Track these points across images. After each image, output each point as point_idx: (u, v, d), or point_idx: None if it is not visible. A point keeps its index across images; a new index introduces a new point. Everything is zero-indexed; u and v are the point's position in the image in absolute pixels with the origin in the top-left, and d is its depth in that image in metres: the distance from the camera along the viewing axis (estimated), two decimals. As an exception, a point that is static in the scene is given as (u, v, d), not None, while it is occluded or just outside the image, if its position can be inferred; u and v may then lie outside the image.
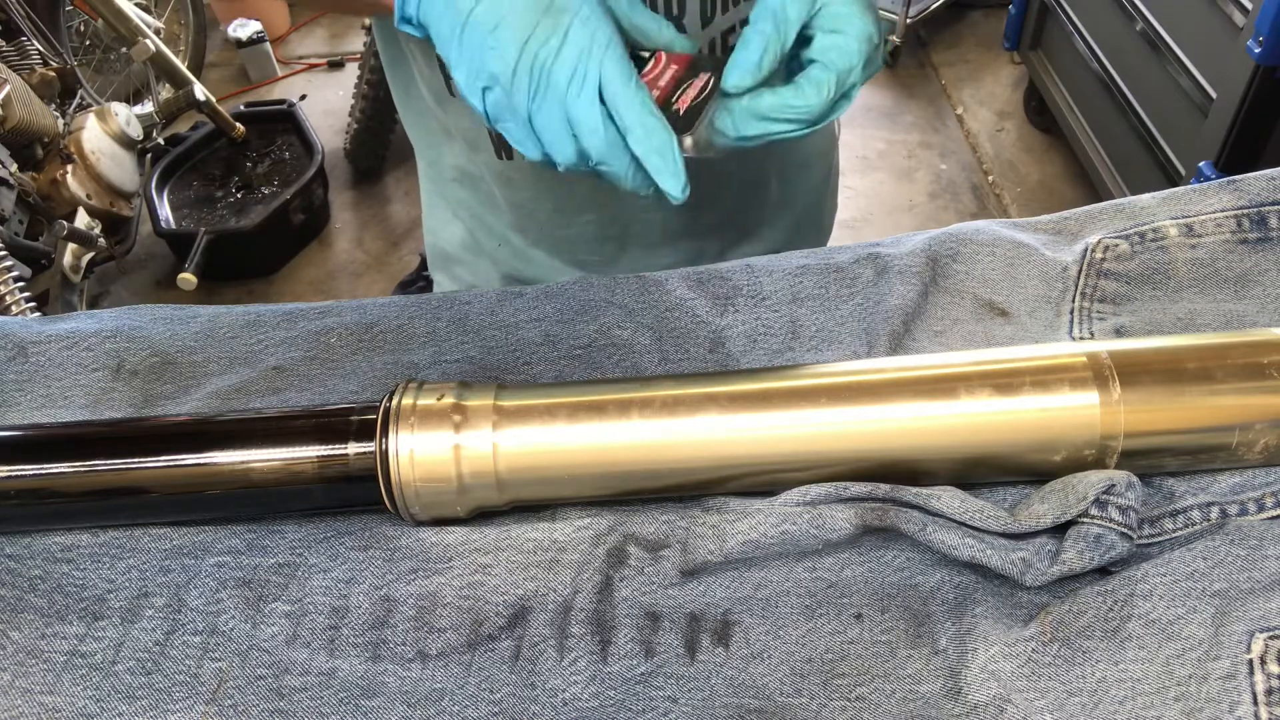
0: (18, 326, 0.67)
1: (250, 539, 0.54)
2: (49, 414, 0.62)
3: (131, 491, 0.52)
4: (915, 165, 2.63)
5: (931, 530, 0.49)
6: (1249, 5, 1.57)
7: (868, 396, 0.50)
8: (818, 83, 0.52)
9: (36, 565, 0.54)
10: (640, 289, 0.66)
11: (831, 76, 0.52)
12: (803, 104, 0.52)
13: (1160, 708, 0.43)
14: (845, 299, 0.64)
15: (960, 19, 3.09)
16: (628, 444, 0.50)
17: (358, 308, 0.67)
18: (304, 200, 2.48)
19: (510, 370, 0.62)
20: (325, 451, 0.51)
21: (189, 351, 0.65)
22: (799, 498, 0.50)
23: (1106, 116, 2.14)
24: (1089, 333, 0.60)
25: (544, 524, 0.54)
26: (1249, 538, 0.48)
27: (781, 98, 0.52)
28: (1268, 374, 0.49)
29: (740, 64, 0.52)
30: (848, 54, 0.52)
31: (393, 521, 0.54)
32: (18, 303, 1.75)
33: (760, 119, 0.52)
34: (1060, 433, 0.49)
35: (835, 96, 0.53)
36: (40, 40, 2.30)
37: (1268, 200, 0.62)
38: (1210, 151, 1.72)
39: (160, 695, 0.48)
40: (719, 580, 0.50)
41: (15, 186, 1.94)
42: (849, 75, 0.53)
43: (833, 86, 0.52)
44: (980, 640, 0.47)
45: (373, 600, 0.51)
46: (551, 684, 0.47)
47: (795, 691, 0.46)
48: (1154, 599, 0.46)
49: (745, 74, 0.51)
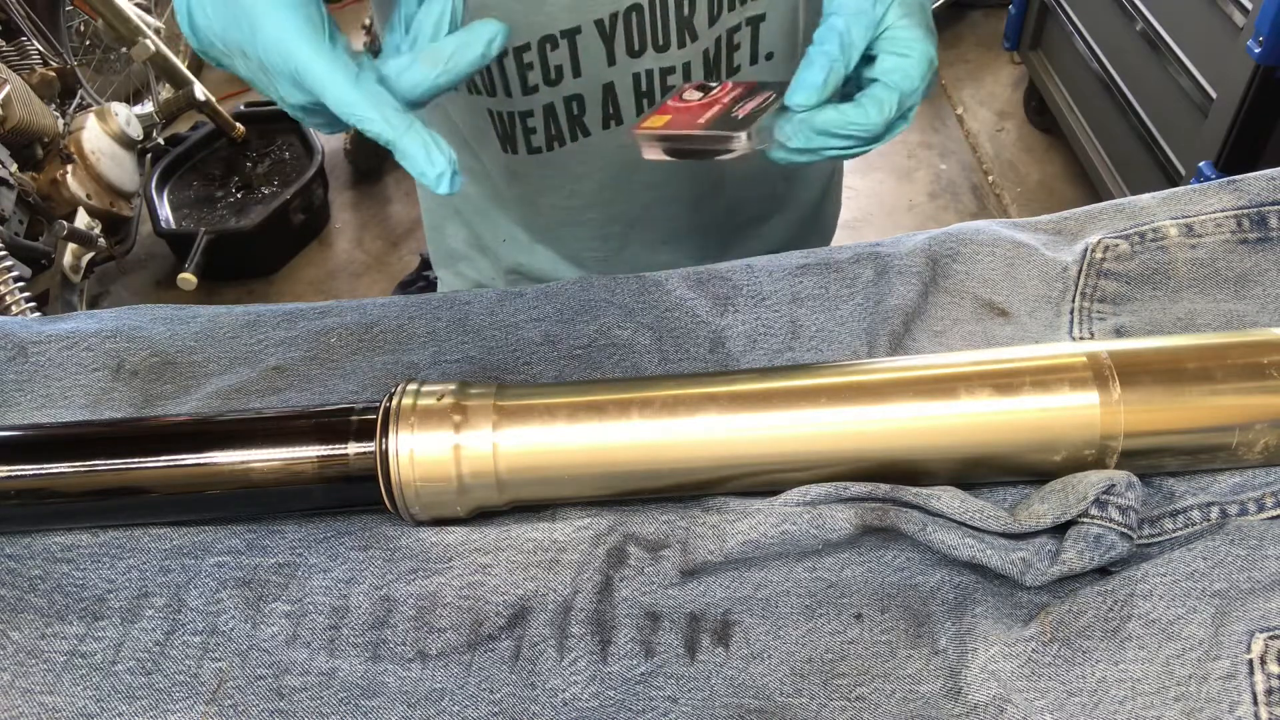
0: (18, 326, 0.67)
1: (250, 539, 0.54)
2: (49, 414, 0.62)
3: (131, 491, 0.52)
4: (915, 165, 2.63)
5: (931, 530, 0.49)
6: (1249, 5, 1.57)
7: (868, 396, 0.50)
8: (880, 101, 0.52)
9: (36, 565, 0.54)
10: (640, 289, 0.66)
11: (894, 96, 0.53)
12: (864, 121, 0.52)
13: (1160, 708, 0.43)
14: (845, 299, 0.64)
15: (960, 19, 3.09)
16: (628, 444, 0.50)
17: (358, 308, 0.67)
18: (304, 200, 2.48)
19: (510, 370, 0.62)
20: (325, 451, 0.51)
21: (189, 351, 0.65)
22: (799, 498, 0.50)
23: (1106, 116, 2.14)
24: (1089, 333, 0.60)
25: (544, 524, 0.54)
26: (1249, 538, 0.48)
27: (843, 114, 0.52)
28: (1268, 374, 0.49)
29: (804, 83, 0.52)
30: (910, 76, 0.53)
31: (393, 521, 0.54)
32: (18, 303, 1.75)
33: (820, 133, 0.52)
34: (1060, 433, 0.49)
35: (895, 116, 0.53)
36: (40, 40, 2.30)
37: (1268, 200, 0.62)
38: (1210, 151, 1.72)
39: (160, 695, 0.48)
40: (719, 580, 0.50)
41: (15, 186, 1.94)
42: (910, 97, 0.53)
43: (894, 106, 0.53)
44: (980, 640, 0.47)
45: (373, 600, 0.51)
46: (551, 684, 0.47)
47: (795, 691, 0.46)
48: (1154, 599, 0.46)
49: (810, 93, 0.52)
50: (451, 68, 0.45)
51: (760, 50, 0.72)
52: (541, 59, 0.67)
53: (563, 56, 0.67)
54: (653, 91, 0.70)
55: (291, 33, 0.43)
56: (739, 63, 0.72)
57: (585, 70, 0.68)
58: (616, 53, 0.68)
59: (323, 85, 0.44)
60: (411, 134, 0.44)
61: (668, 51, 0.68)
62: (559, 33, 0.66)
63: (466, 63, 0.45)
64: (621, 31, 0.67)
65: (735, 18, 0.69)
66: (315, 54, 0.43)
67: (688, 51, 0.69)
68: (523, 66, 0.68)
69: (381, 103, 0.44)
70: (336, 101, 0.44)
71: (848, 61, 0.52)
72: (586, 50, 0.67)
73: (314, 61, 0.43)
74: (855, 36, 0.52)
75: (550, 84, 0.69)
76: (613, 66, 0.68)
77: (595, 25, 0.66)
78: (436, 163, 0.44)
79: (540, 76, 0.68)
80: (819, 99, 0.52)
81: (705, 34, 0.68)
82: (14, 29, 2.26)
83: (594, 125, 0.72)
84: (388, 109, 0.44)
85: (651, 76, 0.70)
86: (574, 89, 0.70)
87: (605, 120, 0.72)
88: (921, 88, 0.54)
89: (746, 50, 0.71)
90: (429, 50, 0.45)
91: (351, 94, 0.43)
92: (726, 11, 0.68)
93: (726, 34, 0.69)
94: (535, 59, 0.67)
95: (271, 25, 0.44)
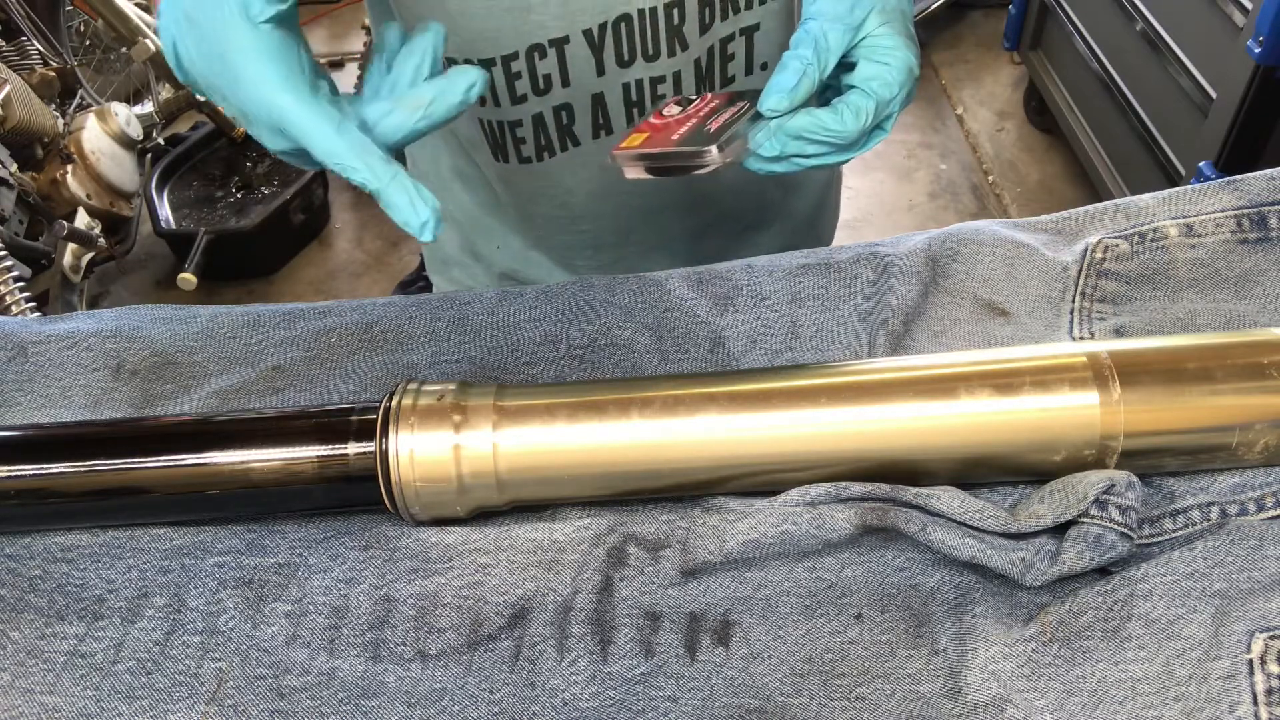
0: (18, 326, 0.67)
1: (250, 539, 0.54)
2: (49, 414, 0.62)
3: (131, 491, 0.52)
4: (915, 165, 2.63)
5: (931, 530, 0.49)
6: (1249, 5, 1.57)
7: (868, 396, 0.50)
8: (856, 108, 0.52)
9: (36, 565, 0.54)
10: (640, 289, 0.66)
11: (870, 103, 0.52)
12: (839, 127, 0.52)
13: (1160, 708, 0.43)
14: (845, 299, 0.64)
15: (960, 19, 3.09)
16: (628, 444, 0.50)
17: (358, 308, 0.67)
18: (304, 200, 2.48)
19: (510, 370, 0.62)
20: (325, 451, 0.51)
21: (189, 351, 0.65)
22: (799, 498, 0.50)
23: (1106, 116, 2.14)
24: (1089, 333, 0.60)
25: (544, 524, 0.54)
26: (1249, 538, 0.48)
27: (817, 119, 0.52)
28: (1268, 374, 0.49)
29: (776, 87, 0.52)
30: (889, 84, 0.53)
31: (393, 521, 0.54)
32: (18, 303, 1.75)
33: (794, 138, 0.52)
34: (1060, 433, 0.49)
35: (871, 125, 0.53)
36: (40, 40, 2.30)
37: (1268, 200, 0.62)
38: (1210, 151, 1.72)
39: (160, 695, 0.48)
40: (719, 580, 0.50)
41: (15, 186, 1.94)
42: (888, 105, 0.53)
43: (870, 114, 0.52)
44: (980, 640, 0.47)
45: (373, 600, 0.51)
46: (551, 684, 0.47)
47: (795, 691, 0.46)
48: (1154, 599, 0.46)
49: (781, 97, 0.52)
50: (431, 114, 0.45)
51: (755, 60, 0.71)
52: (530, 68, 0.66)
53: (551, 66, 0.67)
54: (643, 101, 0.70)
55: (274, 84, 0.43)
56: (733, 73, 0.71)
57: (574, 80, 0.68)
58: (606, 62, 0.67)
59: (307, 135, 0.44)
60: (396, 184, 0.44)
61: (658, 61, 0.67)
62: (547, 42, 0.65)
63: (445, 109, 0.45)
64: (610, 41, 0.66)
65: (728, 27, 0.68)
66: (298, 104, 0.44)
67: (678, 61, 0.68)
68: (510, 76, 0.67)
69: (366, 151, 0.44)
70: (321, 152, 0.44)
71: (823, 67, 0.52)
72: (575, 60, 0.66)
73: (296, 112, 0.44)
74: (831, 42, 0.52)
75: (539, 94, 0.68)
76: (602, 76, 0.68)
77: (584, 35, 0.65)
78: (420, 212, 0.44)
79: (529, 86, 0.68)
80: (791, 104, 0.52)
81: (696, 43, 0.67)
82: (14, 29, 2.26)
83: (584, 135, 0.71)
84: (372, 158, 0.44)
85: (642, 86, 0.69)
86: (563, 99, 0.69)
87: (595, 130, 0.71)
88: (901, 96, 0.53)
89: (741, 60, 0.70)
90: (408, 96, 0.45)
91: (336, 144, 0.44)
92: (719, 21, 0.67)
93: (719, 44, 0.69)
94: (523, 68, 0.66)
95: (253, 76, 0.43)
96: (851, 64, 0.54)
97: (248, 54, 0.43)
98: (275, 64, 0.43)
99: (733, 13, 0.67)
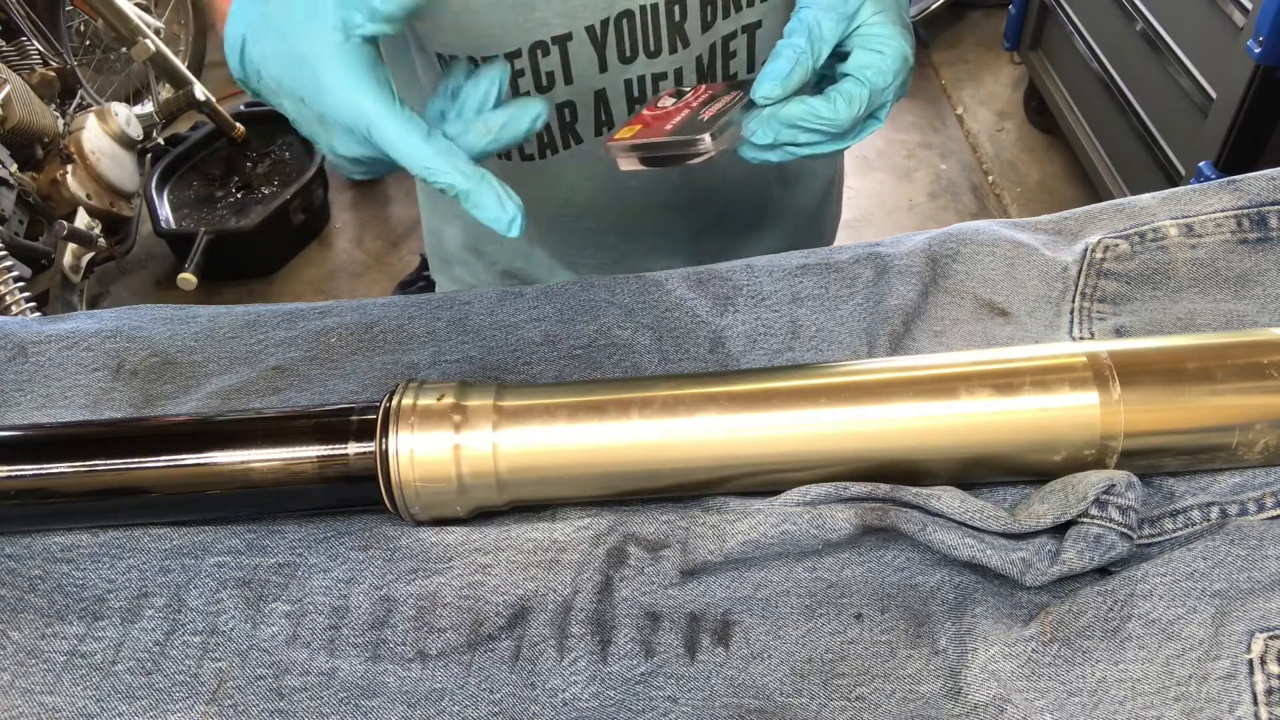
0: (18, 326, 0.67)
1: (250, 539, 0.54)
2: (49, 414, 0.62)
3: (131, 491, 0.52)
4: (915, 165, 2.63)
5: (931, 530, 0.49)
6: (1249, 5, 1.57)
7: (868, 396, 0.50)
8: (849, 96, 0.52)
9: (36, 565, 0.54)
10: (640, 289, 0.66)
11: (864, 92, 0.52)
12: (832, 115, 0.52)
13: (1160, 708, 0.43)
14: (845, 299, 0.64)
15: (960, 19, 3.09)
16: (628, 444, 0.50)
17: (358, 308, 0.67)
18: (304, 200, 2.48)
19: (510, 370, 0.62)
20: (325, 451, 0.51)
21: (189, 351, 0.65)
22: (799, 498, 0.50)
23: (1106, 116, 2.14)
24: (1089, 333, 0.60)
25: (544, 524, 0.54)
26: (1249, 538, 0.48)
27: (810, 107, 0.52)
28: (1268, 374, 0.49)
29: (769, 74, 0.52)
30: (883, 72, 0.52)
31: (393, 521, 0.54)
32: (18, 303, 1.75)
33: (787, 126, 0.52)
34: (1060, 433, 0.49)
35: (864, 113, 0.53)
36: (40, 40, 2.30)
37: (1268, 200, 0.62)
38: (1210, 151, 1.72)
39: (160, 695, 0.48)
40: (719, 580, 0.50)
41: (15, 186, 1.94)
42: (882, 94, 0.53)
43: (864, 102, 0.52)
44: (980, 640, 0.47)
45: (373, 600, 0.51)
46: (551, 684, 0.47)
47: (795, 691, 0.46)
48: (1154, 599, 0.46)
49: (774, 85, 0.52)
50: (500, 138, 0.48)
51: (757, 57, 0.71)
52: (533, 65, 0.67)
53: (554, 63, 0.67)
54: (645, 98, 0.70)
55: (362, 92, 0.45)
56: (735, 70, 0.71)
57: (577, 77, 0.68)
58: (608, 59, 0.67)
59: (395, 141, 0.46)
60: (485, 185, 0.47)
61: (660, 57, 0.68)
62: (550, 39, 0.65)
63: (512, 135, 0.48)
64: (613, 38, 0.66)
65: (730, 25, 0.68)
66: (387, 113, 0.45)
67: (680, 58, 0.68)
68: (513, 73, 0.67)
69: (454, 156, 0.47)
70: (410, 158, 0.46)
71: (816, 55, 0.52)
72: (577, 57, 0.67)
73: (385, 119, 0.45)
74: (825, 30, 0.52)
75: (542, 91, 0.68)
76: (604, 73, 0.68)
77: (586, 31, 0.65)
78: (508, 209, 0.47)
79: (531, 83, 0.68)
80: (783, 91, 0.52)
81: (698, 40, 0.68)
82: (14, 29, 2.26)
83: (586, 132, 0.72)
84: (461, 162, 0.47)
85: (644, 83, 0.69)
86: (566, 95, 0.69)
87: (598, 127, 0.71)
88: (895, 85, 0.53)
89: (743, 57, 0.71)
90: (481, 120, 0.48)
91: (424, 150, 0.46)
92: (720, 18, 0.67)
93: (721, 41, 0.69)
94: (526, 65, 0.66)
95: (340, 82, 0.45)
96: (846, 53, 0.53)
97: (338, 62, 0.45)
98: (364, 74, 0.45)
99: (734, 10, 0.68)
